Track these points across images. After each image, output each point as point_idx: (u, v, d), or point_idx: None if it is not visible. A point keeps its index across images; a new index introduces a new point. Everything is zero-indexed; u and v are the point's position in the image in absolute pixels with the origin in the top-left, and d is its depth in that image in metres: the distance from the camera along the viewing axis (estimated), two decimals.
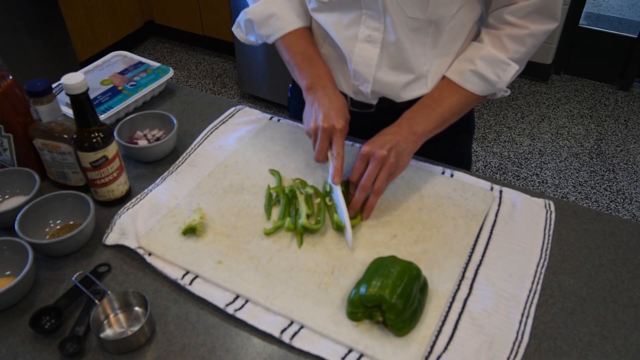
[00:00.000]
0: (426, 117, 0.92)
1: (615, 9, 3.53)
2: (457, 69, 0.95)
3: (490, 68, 0.92)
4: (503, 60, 0.92)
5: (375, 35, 0.93)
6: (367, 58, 0.96)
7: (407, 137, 0.90)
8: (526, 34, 0.90)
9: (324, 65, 1.00)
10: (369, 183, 0.88)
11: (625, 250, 0.88)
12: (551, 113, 2.90)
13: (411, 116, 0.93)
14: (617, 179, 2.49)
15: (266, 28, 1.02)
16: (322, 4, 0.97)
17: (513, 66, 0.92)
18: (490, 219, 0.92)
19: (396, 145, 0.88)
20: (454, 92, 0.95)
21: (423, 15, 0.89)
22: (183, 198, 0.95)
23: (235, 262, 0.84)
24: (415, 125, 0.91)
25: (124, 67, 1.25)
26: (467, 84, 0.94)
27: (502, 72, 0.92)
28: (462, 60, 0.96)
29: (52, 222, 0.90)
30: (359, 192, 0.88)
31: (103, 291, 0.79)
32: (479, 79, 0.93)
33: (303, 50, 1.00)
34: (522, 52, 0.92)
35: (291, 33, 1.01)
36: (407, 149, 0.89)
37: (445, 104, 0.94)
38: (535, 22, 0.89)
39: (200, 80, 3.19)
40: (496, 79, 0.93)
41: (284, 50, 1.02)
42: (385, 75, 0.98)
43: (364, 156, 0.88)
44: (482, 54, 0.92)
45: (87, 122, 0.85)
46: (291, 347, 0.74)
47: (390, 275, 0.74)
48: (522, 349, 0.73)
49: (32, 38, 2.67)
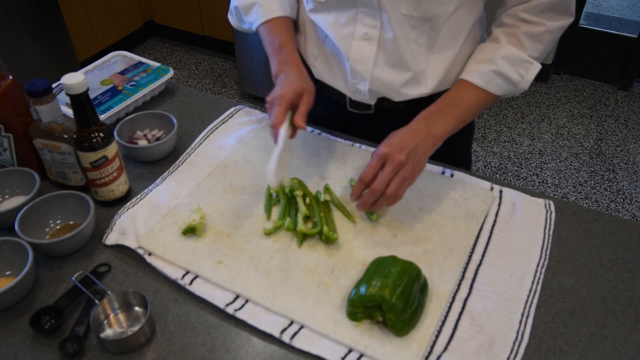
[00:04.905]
0: (445, 119, 0.90)
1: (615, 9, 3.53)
2: (477, 70, 0.92)
3: (512, 67, 0.90)
4: (525, 59, 0.90)
5: (372, 32, 0.93)
6: (364, 56, 0.96)
7: (425, 140, 0.87)
8: (543, 30, 0.89)
9: (292, 52, 0.97)
10: (381, 187, 0.83)
11: (625, 250, 0.88)
12: (551, 113, 2.90)
13: (429, 117, 0.90)
14: (617, 179, 2.49)
15: (249, 16, 1.02)
16: (319, 4, 0.97)
17: (536, 65, 0.91)
18: (490, 219, 0.92)
19: (414, 150, 0.85)
20: (472, 92, 0.92)
21: (417, 12, 0.88)
22: (183, 198, 0.95)
23: (235, 262, 0.84)
24: (434, 127, 0.89)
25: (124, 67, 1.25)
26: (489, 85, 0.91)
27: (525, 72, 0.91)
28: (479, 62, 0.93)
29: (52, 222, 0.90)
30: (370, 195, 0.85)
31: (103, 291, 0.79)
32: (502, 80, 0.91)
33: (276, 38, 0.98)
34: (540, 49, 0.90)
35: (270, 21, 1.00)
36: (424, 153, 0.87)
37: (464, 104, 0.91)
38: (551, 18, 0.88)
39: (200, 80, 3.19)
40: (519, 78, 0.91)
41: (262, 38, 1.02)
42: (383, 73, 0.97)
43: (381, 157, 0.84)
44: (503, 53, 0.90)
45: (87, 122, 0.85)
46: (291, 347, 0.74)
47: (390, 275, 0.74)
48: (522, 349, 0.73)
49: (32, 38, 2.67)
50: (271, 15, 1.00)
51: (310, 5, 1.00)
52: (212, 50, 3.47)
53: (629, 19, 3.41)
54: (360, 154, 1.05)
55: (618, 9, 3.53)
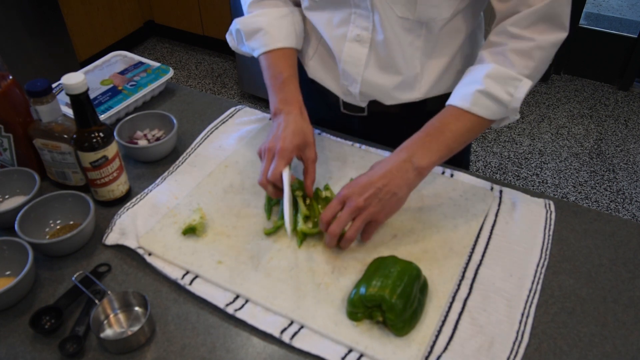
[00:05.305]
0: (429, 149, 0.82)
1: (615, 9, 3.53)
2: (461, 93, 0.85)
3: (500, 86, 0.82)
4: (513, 76, 0.82)
5: (364, 34, 0.93)
6: (355, 58, 0.96)
7: (401, 176, 0.81)
8: (532, 46, 0.81)
9: (296, 91, 0.94)
10: (337, 230, 0.80)
11: (625, 250, 0.88)
12: (551, 113, 2.90)
13: (411, 147, 0.83)
14: (617, 179, 2.49)
15: (252, 41, 0.99)
16: (314, 2, 0.97)
17: (525, 82, 0.82)
18: (490, 219, 0.92)
19: (382, 191, 0.79)
20: (459, 118, 0.84)
21: (412, 15, 0.87)
22: (183, 198, 0.95)
23: (235, 262, 0.84)
24: (417, 158, 0.82)
25: (124, 67, 1.25)
26: (475, 107, 0.83)
27: (514, 90, 0.82)
28: (465, 84, 0.86)
29: (52, 222, 0.90)
30: (329, 237, 0.81)
31: (103, 291, 0.79)
32: (489, 100, 0.83)
33: (279, 73, 0.95)
34: (531, 66, 0.82)
35: (274, 51, 0.97)
36: (398, 192, 0.81)
37: (450, 131, 0.83)
38: (541, 32, 0.81)
39: (200, 80, 3.19)
40: (508, 97, 0.82)
41: (264, 68, 0.98)
42: (374, 76, 0.97)
43: (341, 199, 0.81)
44: (488, 71, 0.83)
45: (87, 122, 0.85)
46: (291, 347, 0.74)
47: (390, 275, 0.74)
48: (522, 349, 0.73)
49: (32, 38, 2.67)
50: (277, 45, 0.97)
51: (305, 2, 0.99)
52: (212, 50, 3.47)
53: (629, 19, 3.41)
54: (360, 154, 1.05)
55: (618, 9, 3.54)
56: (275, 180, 0.84)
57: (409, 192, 0.83)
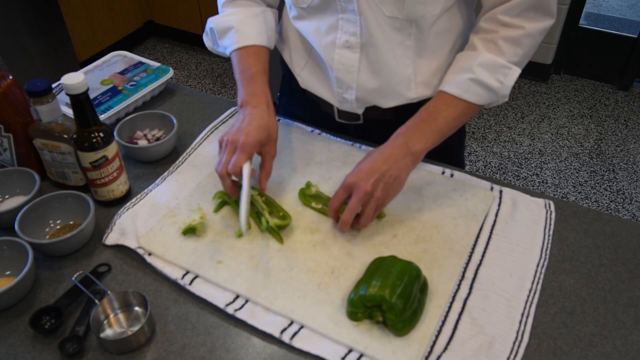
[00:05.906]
0: (424, 133, 0.86)
1: (615, 9, 3.53)
2: (453, 80, 0.89)
3: (490, 74, 0.86)
4: (504, 65, 0.86)
5: (353, 40, 0.92)
6: (347, 64, 0.95)
7: (401, 160, 0.84)
8: (522, 34, 0.85)
9: (264, 85, 0.94)
10: (349, 218, 0.83)
11: (625, 250, 0.88)
12: (551, 113, 2.90)
13: (407, 132, 0.87)
14: (617, 179, 2.49)
15: (224, 39, 1.00)
16: (301, 10, 0.97)
17: (515, 69, 0.87)
18: (490, 218, 0.92)
19: (385, 175, 0.83)
20: (451, 103, 0.88)
21: (401, 13, 0.87)
22: (183, 198, 0.95)
23: (235, 262, 0.84)
24: (412, 143, 0.86)
25: (124, 67, 1.25)
26: (466, 94, 0.88)
27: (504, 77, 0.87)
28: (456, 71, 0.89)
29: (52, 222, 0.90)
30: (341, 225, 0.84)
31: (103, 291, 0.79)
32: (480, 88, 0.87)
33: (248, 68, 0.95)
34: (520, 54, 0.87)
35: (245, 48, 0.97)
36: (400, 175, 0.84)
37: (443, 117, 0.88)
38: (530, 20, 0.85)
39: (200, 80, 3.19)
40: (498, 85, 0.87)
41: (234, 65, 0.98)
42: (368, 81, 0.96)
43: (347, 187, 0.84)
44: (480, 60, 0.86)
45: (87, 122, 0.85)
46: (291, 347, 0.74)
47: (390, 275, 0.74)
48: (522, 349, 0.73)
49: (32, 38, 2.67)
50: (247, 42, 0.97)
51: (293, 12, 0.99)
52: None
53: (629, 19, 3.42)
54: (360, 154, 1.05)
55: (618, 9, 3.54)
56: (234, 173, 0.84)
57: (407, 175, 0.87)
